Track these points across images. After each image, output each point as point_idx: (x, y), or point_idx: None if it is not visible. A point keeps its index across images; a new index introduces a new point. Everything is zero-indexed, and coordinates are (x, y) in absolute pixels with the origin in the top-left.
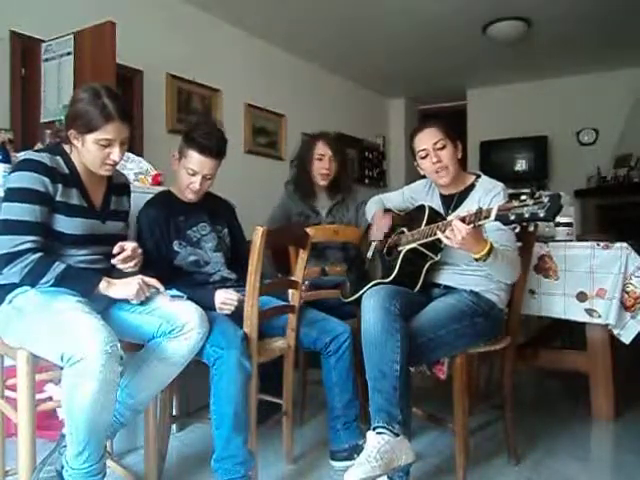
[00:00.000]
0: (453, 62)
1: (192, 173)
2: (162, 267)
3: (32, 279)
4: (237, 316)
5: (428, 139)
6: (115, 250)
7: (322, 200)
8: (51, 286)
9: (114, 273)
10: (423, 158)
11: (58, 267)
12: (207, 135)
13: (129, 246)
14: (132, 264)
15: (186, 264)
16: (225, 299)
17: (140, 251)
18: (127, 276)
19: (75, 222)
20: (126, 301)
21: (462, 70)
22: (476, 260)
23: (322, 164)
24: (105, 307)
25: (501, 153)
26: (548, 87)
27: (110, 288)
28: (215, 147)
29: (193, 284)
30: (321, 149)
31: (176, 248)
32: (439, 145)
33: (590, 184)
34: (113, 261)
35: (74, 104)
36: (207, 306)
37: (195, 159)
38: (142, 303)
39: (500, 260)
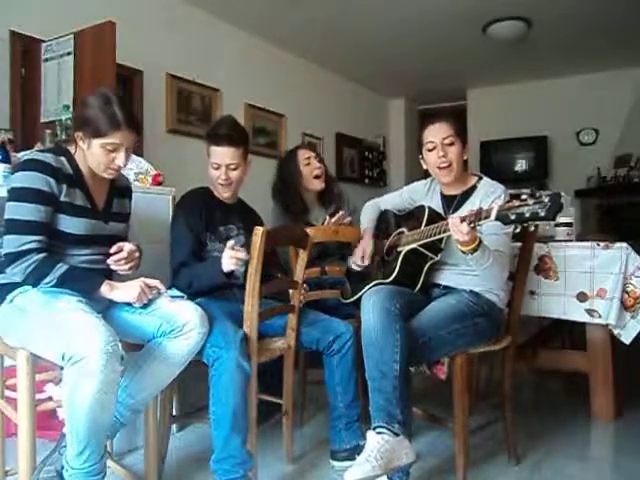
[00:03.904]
0: (453, 62)
1: (216, 167)
2: (192, 247)
3: (35, 279)
4: (238, 316)
5: (438, 133)
6: (113, 249)
7: (315, 213)
8: (53, 286)
9: (115, 274)
10: (430, 150)
11: (61, 268)
12: (217, 126)
13: (127, 248)
14: (126, 267)
15: (207, 258)
16: (233, 255)
17: (137, 254)
18: (128, 277)
19: (79, 222)
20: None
21: (462, 70)
22: (462, 252)
23: (311, 167)
24: (106, 307)
25: (501, 153)
26: (548, 87)
27: (112, 292)
28: (226, 134)
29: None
30: (304, 154)
31: (206, 240)
32: (448, 141)
33: (590, 184)
34: (108, 261)
35: (85, 109)
36: (217, 275)
37: (213, 152)
38: (144, 305)
39: (486, 258)
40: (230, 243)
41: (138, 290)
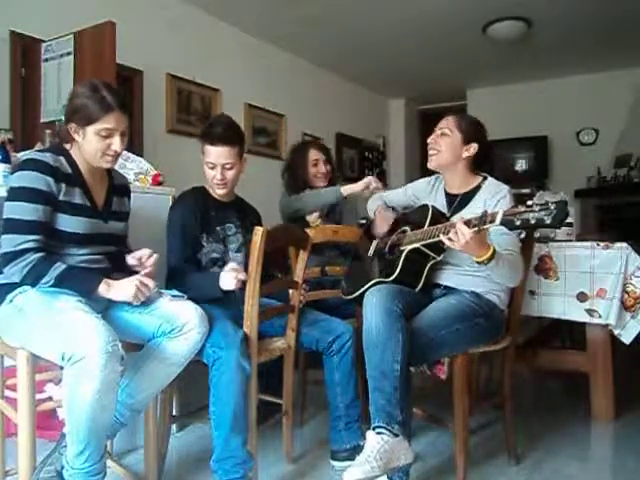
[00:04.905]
0: (453, 62)
1: (211, 166)
2: (186, 253)
3: (33, 279)
4: (238, 316)
5: (440, 123)
6: (133, 262)
7: None
8: (51, 286)
9: (114, 274)
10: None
11: (59, 267)
12: (212, 125)
13: (146, 253)
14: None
15: (206, 260)
16: (235, 276)
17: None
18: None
19: (78, 221)
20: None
21: (462, 70)
22: (478, 263)
23: (318, 168)
24: (105, 307)
25: (501, 153)
26: (548, 87)
27: (110, 291)
28: (221, 134)
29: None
30: (314, 155)
31: (202, 242)
32: (440, 131)
33: (590, 184)
34: (138, 268)
35: (73, 99)
36: (215, 290)
37: (208, 151)
38: (142, 304)
39: (502, 264)
40: (231, 265)
41: (133, 289)
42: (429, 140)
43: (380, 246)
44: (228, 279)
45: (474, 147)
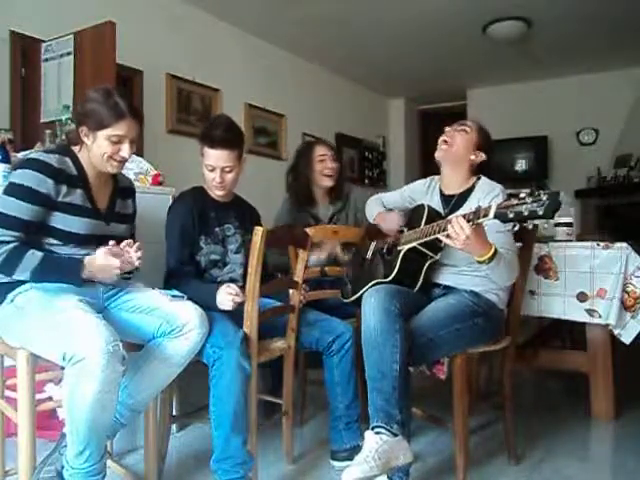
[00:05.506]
0: (453, 62)
1: (211, 169)
2: (182, 257)
3: (8, 269)
4: (238, 316)
5: (458, 123)
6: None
7: (323, 208)
8: (31, 277)
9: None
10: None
11: (34, 256)
12: (212, 127)
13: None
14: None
15: (205, 261)
16: (226, 295)
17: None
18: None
19: (79, 221)
20: (126, 301)
21: (462, 70)
22: (479, 263)
23: (325, 164)
24: (105, 307)
25: (501, 153)
26: (548, 87)
27: (92, 274)
28: (222, 137)
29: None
30: (321, 150)
31: (201, 243)
32: (460, 128)
33: (590, 184)
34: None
35: (87, 103)
36: (210, 304)
37: (207, 154)
38: (142, 305)
39: (502, 265)
40: (228, 288)
41: (114, 271)
42: (446, 129)
43: (379, 247)
44: (225, 300)
45: (482, 156)
